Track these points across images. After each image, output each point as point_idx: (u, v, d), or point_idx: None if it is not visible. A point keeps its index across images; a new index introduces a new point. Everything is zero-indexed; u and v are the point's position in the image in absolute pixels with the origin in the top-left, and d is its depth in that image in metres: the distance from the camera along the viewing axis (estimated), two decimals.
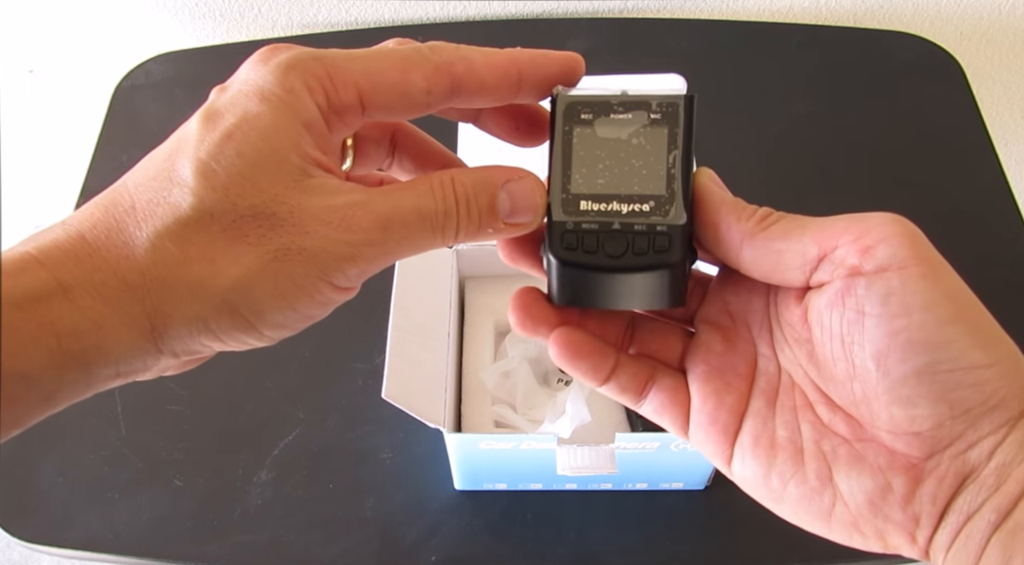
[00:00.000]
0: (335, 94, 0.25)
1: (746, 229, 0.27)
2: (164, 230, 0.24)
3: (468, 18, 0.95)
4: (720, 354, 0.29)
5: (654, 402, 0.30)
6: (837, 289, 0.26)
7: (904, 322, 0.24)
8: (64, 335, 0.22)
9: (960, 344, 0.24)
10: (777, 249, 0.27)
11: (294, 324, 0.26)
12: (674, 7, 0.95)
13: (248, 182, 0.24)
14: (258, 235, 0.24)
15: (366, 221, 0.25)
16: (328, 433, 0.66)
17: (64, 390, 0.23)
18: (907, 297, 0.24)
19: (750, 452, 0.28)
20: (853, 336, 0.26)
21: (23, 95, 1.01)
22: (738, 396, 0.29)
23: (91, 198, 0.25)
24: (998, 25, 0.96)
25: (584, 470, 0.53)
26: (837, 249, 0.26)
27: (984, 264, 0.76)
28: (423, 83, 0.26)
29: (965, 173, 0.82)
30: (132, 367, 0.24)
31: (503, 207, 0.27)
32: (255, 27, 0.96)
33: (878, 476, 0.25)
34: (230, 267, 0.24)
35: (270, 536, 0.61)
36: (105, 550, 0.61)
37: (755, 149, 0.84)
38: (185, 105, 0.89)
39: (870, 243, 0.25)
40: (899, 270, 0.25)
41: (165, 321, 0.24)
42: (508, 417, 0.62)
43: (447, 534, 0.61)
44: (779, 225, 0.27)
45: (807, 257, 0.26)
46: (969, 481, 0.24)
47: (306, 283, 0.24)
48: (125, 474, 0.64)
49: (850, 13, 0.95)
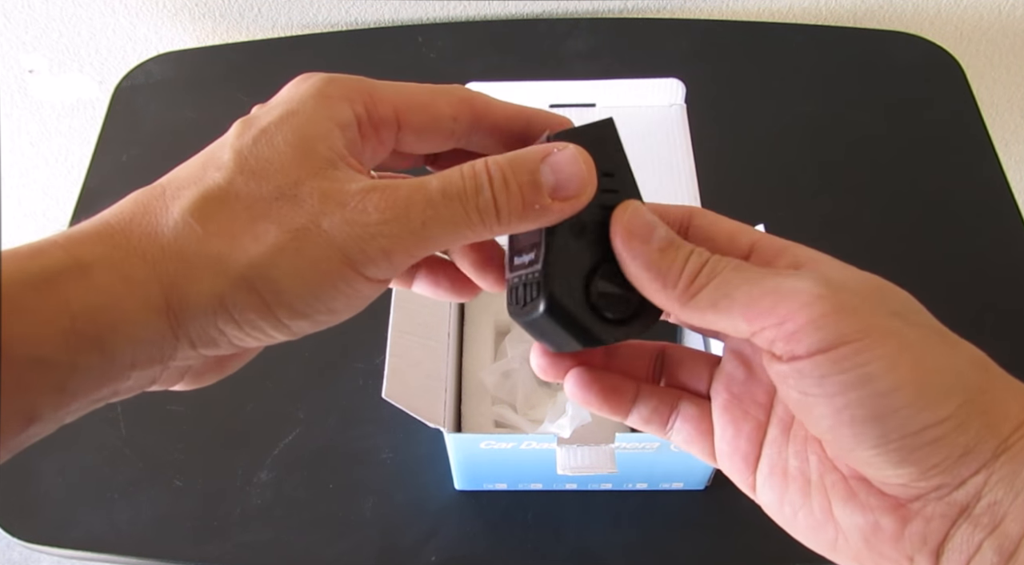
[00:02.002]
0: (374, 107, 0.27)
1: (673, 298, 0.26)
2: (189, 206, 0.24)
3: (468, 18, 0.95)
4: (742, 382, 0.29)
5: (682, 432, 0.30)
6: (777, 370, 0.25)
7: (843, 400, 0.24)
8: (78, 314, 0.22)
9: (905, 411, 0.24)
10: (709, 321, 0.26)
11: (315, 313, 0.25)
12: (674, 7, 0.95)
13: (275, 166, 0.25)
14: (280, 215, 0.24)
15: (384, 203, 0.24)
16: (328, 433, 0.66)
17: (78, 376, 0.22)
18: (841, 376, 0.24)
19: (767, 480, 0.28)
20: (803, 412, 0.26)
21: (23, 95, 1.01)
22: (756, 425, 0.29)
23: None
24: (998, 25, 0.96)
25: (584, 470, 0.53)
26: (764, 330, 0.25)
27: (984, 264, 0.76)
28: (449, 110, 0.28)
29: (965, 173, 0.82)
30: (148, 354, 0.23)
31: (547, 180, 0.25)
32: (255, 27, 0.96)
33: (868, 514, 0.26)
34: (250, 244, 0.24)
35: (270, 536, 0.61)
36: (105, 550, 0.61)
37: (755, 149, 0.84)
38: (185, 105, 0.89)
39: (794, 328, 0.24)
40: (829, 352, 0.24)
41: (181, 297, 0.23)
42: (508, 417, 0.62)
43: (447, 534, 0.61)
44: (706, 293, 0.26)
45: (739, 331, 0.26)
46: (961, 520, 0.24)
47: (328, 267, 0.24)
48: (125, 474, 0.64)
49: (850, 13, 0.95)
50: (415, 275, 0.31)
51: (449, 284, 0.31)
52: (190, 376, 0.26)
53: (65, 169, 1.12)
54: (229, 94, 0.89)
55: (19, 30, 0.94)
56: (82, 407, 0.23)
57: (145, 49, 0.97)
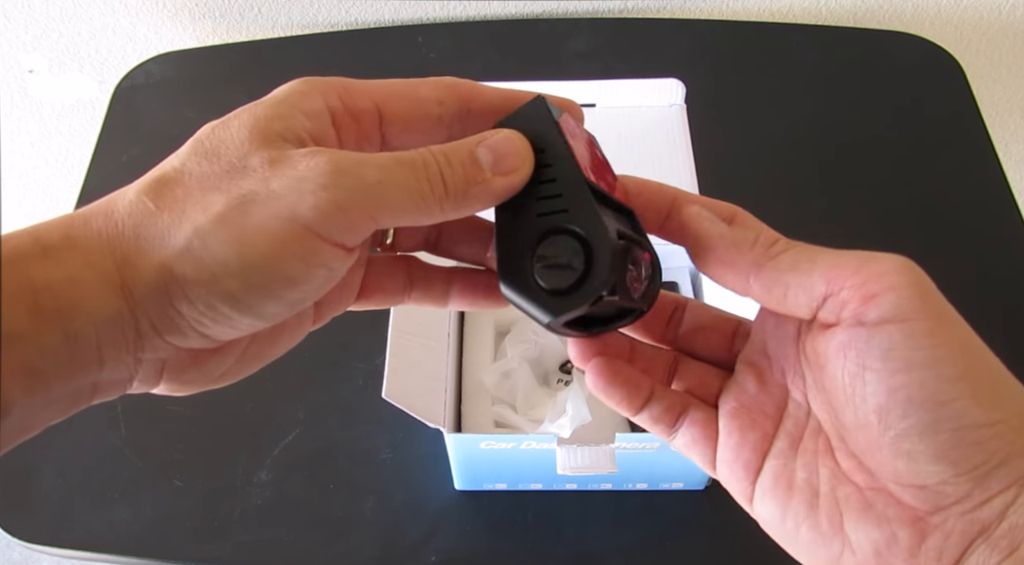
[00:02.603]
0: (349, 98, 0.26)
1: (752, 259, 0.27)
2: (144, 187, 0.24)
3: (468, 18, 0.95)
4: (752, 394, 0.29)
5: (685, 436, 0.30)
6: (840, 340, 0.25)
7: (905, 379, 0.24)
8: (39, 290, 0.22)
9: (962, 403, 0.23)
10: (786, 281, 0.26)
11: (272, 285, 0.24)
12: (674, 7, 0.95)
13: (229, 145, 0.25)
14: (230, 185, 0.24)
15: (336, 158, 0.24)
16: (328, 433, 0.66)
17: (45, 356, 0.22)
18: (909, 352, 0.24)
19: (769, 492, 0.28)
20: (855, 388, 0.25)
21: (23, 95, 1.01)
22: (762, 435, 0.29)
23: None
24: (998, 25, 0.96)
25: (584, 470, 0.53)
26: (843, 290, 0.25)
27: (984, 264, 0.76)
28: (434, 94, 0.27)
29: (965, 173, 0.82)
30: (111, 335, 0.23)
31: (484, 158, 0.26)
32: (255, 27, 0.96)
33: (884, 527, 0.25)
34: (198, 214, 0.23)
35: (270, 536, 0.61)
36: (105, 550, 0.61)
37: (755, 149, 0.84)
38: (185, 105, 0.89)
39: (876, 291, 0.24)
40: (902, 323, 0.24)
41: (133, 272, 0.23)
42: (508, 417, 0.62)
43: (447, 534, 0.61)
44: (788, 255, 0.27)
45: (814, 294, 0.26)
46: (980, 541, 0.24)
47: (276, 227, 0.23)
48: (125, 474, 0.64)
49: (850, 13, 0.95)
50: (449, 291, 0.31)
51: (486, 292, 0.31)
52: (169, 374, 0.26)
53: (65, 169, 1.12)
54: (229, 94, 0.89)
55: (19, 30, 0.94)
56: (60, 400, 0.23)
57: (145, 49, 0.97)
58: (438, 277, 0.31)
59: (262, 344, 0.28)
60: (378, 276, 0.31)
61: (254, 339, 0.28)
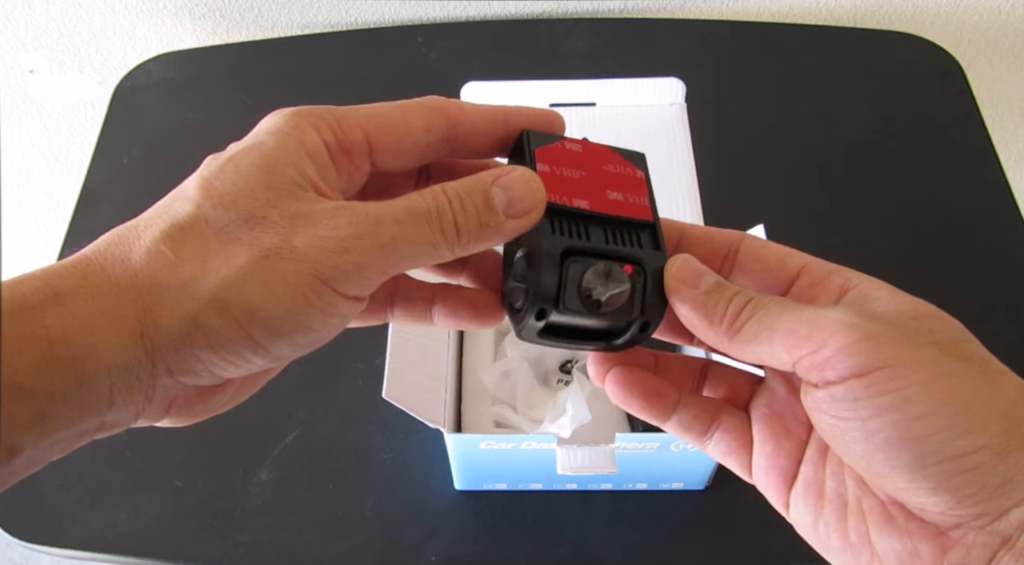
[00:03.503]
0: (342, 133, 0.27)
1: (719, 335, 0.28)
2: (160, 235, 0.25)
3: (468, 18, 0.95)
4: (783, 398, 0.29)
5: (720, 444, 0.30)
6: (813, 398, 0.26)
7: (878, 423, 0.24)
8: (55, 341, 0.22)
9: (941, 435, 0.24)
10: (754, 353, 0.27)
11: (292, 333, 0.25)
12: (674, 7, 0.95)
13: (243, 191, 0.25)
14: (250, 237, 0.24)
15: (356, 219, 0.25)
16: (328, 433, 0.66)
17: (56, 404, 0.22)
18: (874, 400, 0.24)
19: (802, 499, 0.28)
20: (837, 438, 0.26)
21: (23, 95, 1.01)
22: (797, 443, 0.29)
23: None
24: (998, 25, 0.96)
25: (584, 470, 0.53)
26: (802, 358, 0.26)
27: (984, 264, 0.76)
28: (421, 122, 0.28)
29: (965, 173, 0.82)
30: (125, 381, 0.23)
31: (498, 200, 0.27)
32: (255, 27, 0.96)
33: (906, 540, 0.25)
34: (221, 265, 0.24)
35: (270, 536, 0.61)
36: (105, 550, 0.61)
37: (755, 149, 0.84)
38: (185, 105, 0.89)
39: (829, 354, 0.25)
40: (861, 377, 0.24)
41: (155, 321, 0.23)
42: (508, 417, 0.62)
43: (447, 534, 0.61)
44: (749, 326, 0.27)
45: (780, 361, 0.27)
46: (1003, 552, 0.24)
47: (298, 282, 0.24)
48: (125, 474, 0.64)
49: (850, 13, 0.95)
50: (432, 308, 0.31)
51: (470, 310, 0.31)
52: (176, 410, 0.26)
53: (65, 169, 1.12)
54: (229, 94, 0.89)
55: (19, 30, 0.94)
56: (66, 439, 0.23)
57: (145, 49, 0.97)
58: (421, 295, 0.31)
59: (262, 375, 0.29)
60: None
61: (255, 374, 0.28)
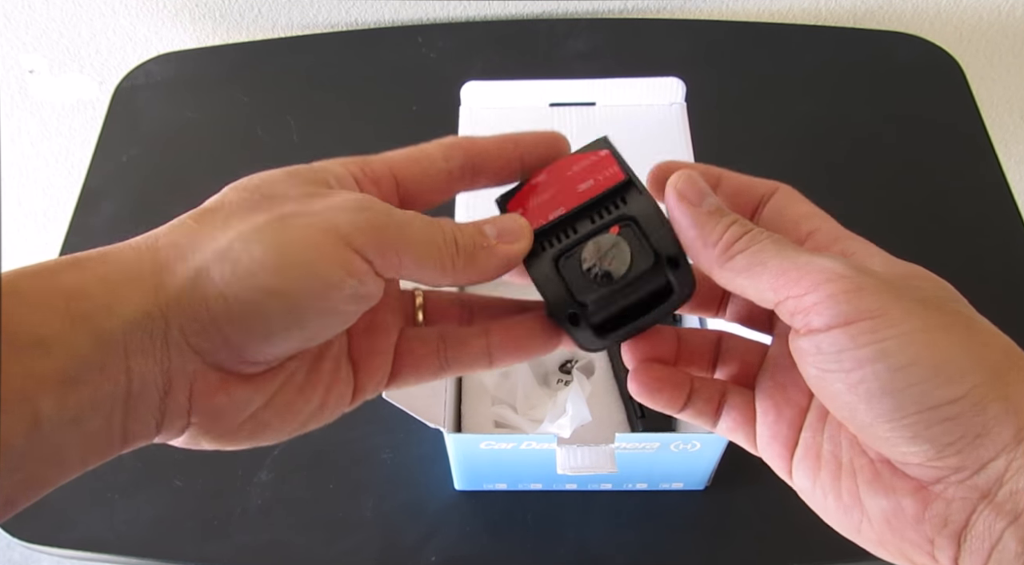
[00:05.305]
0: (367, 166, 0.29)
1: (711, 257, 0.28)
2: (187, 215, 0.26)
3: (468, 18, 0.95)
4: (786, 368, 0.30)
5: (727, 421, 0.31)
6: (798, 346, 0.27)
7: (860, 374, 0.25)
8: (72, 295, 0.23)
9: (921, 386, 0.24)
10: (740, 284, 0.28)
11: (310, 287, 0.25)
12: (674, 7, 0.95)
13: (268, 181, 0.27)
14: (270, 206, 0.26)
15: (369, 199, 0.27)
16: (328, 433, 0.66)
17: (74, 362, 0.22)
18: (857, 351, 0.25)
19: (802, 464, 0.29)
20: (821, 388, 0.26)
21: (23, 95, 1.02)
22: (797, 411, 0.29)
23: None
24: (998, 25, 0.96)
25: (584, 470, 0.53)
26: (788, 300, 0.26)
27: (984, 264, 0.76)
28: (439, 151, 0.30)
29: (965, 173, 0.82)
30: (140, 343, 0.24)
31: (491, 232, 0.29)
32: (255, 27, 0.96)
33: (891, 496, 0.26)
34: (239, 224, 0.25)
35: (270, 536, 0.61)
36: (105, 550, 0.61)
37: (755, 149, 0.84)
38: (185, 105, 0.89)
39: (817, 300, 0.25)
40: (846, 326, 0.25)
41: (168, 277, 0.24)
42: (508, 417, 0.62)
43: (447, 534, 0.61)
44: (742, 257, 0.27)
45: (765, 299, 0.27)
46: (983, 506, 0.24)
47: (312, 233, 0.25)
48: (125, 474, 0.64)
49: (850, 13, 0.95)
50: (489, 345, 0.32)
51: (529, 338, 0.32)
52: (197, 401, 0.26)
53: (65, 169, 1.12)
54: (229, 94, 0.89)
55: (19, 30, 0.94)
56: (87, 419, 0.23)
57: (145, 49, 0.97)
58: (473, 334, 0.32)
59: (292, 396, 0.29)
60: (410, 341, 0.32)
61: (284, 387, 0.28)
